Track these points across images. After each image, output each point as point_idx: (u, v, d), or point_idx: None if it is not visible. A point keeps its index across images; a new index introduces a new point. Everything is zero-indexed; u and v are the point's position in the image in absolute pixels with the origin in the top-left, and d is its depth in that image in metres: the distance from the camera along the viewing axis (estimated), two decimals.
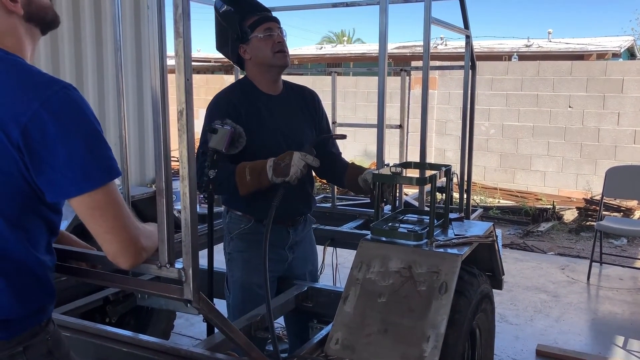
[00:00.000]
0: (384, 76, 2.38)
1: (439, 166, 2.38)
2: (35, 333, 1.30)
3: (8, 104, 1.17)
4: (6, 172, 1.18)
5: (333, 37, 33.59)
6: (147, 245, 1.33)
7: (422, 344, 1.80)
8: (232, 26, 2.36)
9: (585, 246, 6.33)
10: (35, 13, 1.33)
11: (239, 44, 2.39)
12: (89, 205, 1.23)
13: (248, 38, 2.36)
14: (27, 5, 1.31)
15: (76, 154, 1.19)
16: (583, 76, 8.39)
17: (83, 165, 1.19)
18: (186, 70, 1.24)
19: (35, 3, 1.33)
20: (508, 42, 15.85)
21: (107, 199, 1.24)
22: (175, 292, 1.34)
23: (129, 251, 1.27)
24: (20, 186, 1.20)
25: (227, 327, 1.50)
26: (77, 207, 1.24)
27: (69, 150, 1.18)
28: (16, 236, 1.23)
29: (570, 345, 3.76)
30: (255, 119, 2.32)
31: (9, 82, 1.20)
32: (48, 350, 1.31)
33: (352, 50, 16.70)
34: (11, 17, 1.29)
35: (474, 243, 2.12)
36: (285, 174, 2.09)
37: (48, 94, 1.19)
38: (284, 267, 2.49)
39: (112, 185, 1.26)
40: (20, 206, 1.23)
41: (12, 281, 1.24)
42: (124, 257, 1.28)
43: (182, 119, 1.26)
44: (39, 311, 1.31)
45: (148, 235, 1.35)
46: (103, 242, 1.27)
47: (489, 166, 9.17)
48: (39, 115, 1.16)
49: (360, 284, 1.96)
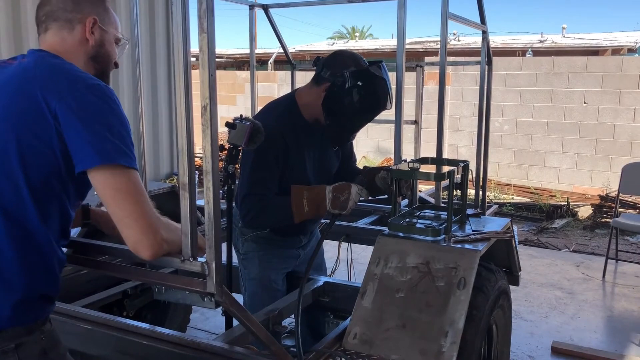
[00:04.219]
0: (402, 72, 2.37)
1: (457, 162, 2.37)
2: (30, 330, 1.30)
3: (54, 82, 1.31)
4: (41, 138, 1.27)
5: (345, 33, 33.53)
6: (169, 237, 1.34)
7: (440, 339, 1.80)
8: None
9: (600, 243, 6.28)
10: (101, 56, 1.48)
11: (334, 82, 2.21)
12: (113, 185, 1.28)
13: (345, 86, 2.19)
14: (99, 46, 1.47)
15: (106, 130, 1.28)
16: (598, 72, 8.31)
17: (112, 141, 1.28)
18: (210, 66, 1.25)
19: (106, 49, 1.48)
20: (522, 38, 15.70)
21: (130, 184, 1.29)
22: (198, 286, 1.36)
23: (149, 239, 1.29)
24: (49, 157, 1.28)
25: (249, 320, 1.51)
26: (101, 186, 1.29)
27: (100, 124, 1.28)
28: (35, 208, 1.29)
29: (585, 342, 3.74)
30: (298, 156, 2.28)
31: (60, 69, 1.35)
32: (42, 349, 1.32)
33: (364, 46, 16.62)
34: (82, 45, 1.45)
35: (492, 239, 2.12)
36: (342, 208, 2.14)
37: (89, 79, 1.35)
38: (295, 264, 2.53)
39: (136, 173, 1.31)
40: (44, 179, 1.30)
41: (21, 252, 1.28)
42: (144, 246, 1.29)
43: (206, 114, 1.27)
44: (40, 299, 1.32)
45: (171, 228, 1.37)
46: (123, 226, 1.29)
47: (502, 162, 9.11)
48: (78, 88, 1.30)
49: (378, 279, 1.97)
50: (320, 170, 2.39)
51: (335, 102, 2.20)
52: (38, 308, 1.33)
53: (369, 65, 2.24)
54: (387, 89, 2.23)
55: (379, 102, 2.24)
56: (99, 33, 1.46)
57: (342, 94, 2.18)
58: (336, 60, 2.24)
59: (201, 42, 1.24)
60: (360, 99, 2.18)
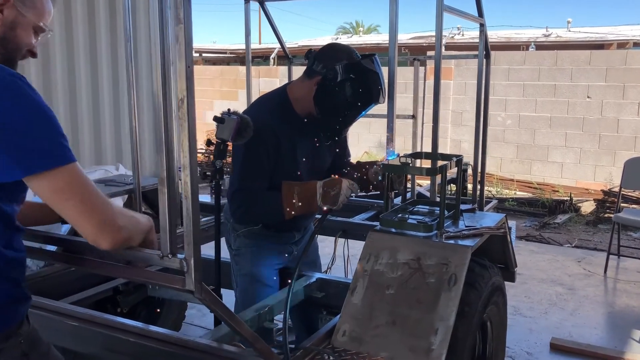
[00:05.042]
0: (394, 64, 2.33)
1: (450, 156, 2.34)
2: (6, 336, 1.26)
3: None
4: None
5: (349, 28, 33.42)
6: (126, 223, 1.30)
7: (430, 336, 1.77)
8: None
9: (603, 238, 6.23)
10: (8, 40, 1.33)
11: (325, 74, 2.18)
12: (50, 188, 1.20)
13: (337, 79, 2.15)
14: (8, 28, 1.32)
15: (18, 135, 1.16)
16: (602, 66, 8.23)
17: (29, 147, 1.17)
18: (187, 57, 1.22)
19: (17, 33, 1.34)
20: (526, 32, 15.59)
21: (67, 182, 1.20)
22: (177, 283, 1.33)
23: (106, 230, 1.24)
24: None
25: (231, 318, 1.49)
26: (39, 193, 1.20)
27: (10, 130, 1.16)
28: None
29: (585, 338, 3.70)
30: (289, 151, 2.24)
31: None
32: (22, 352, 1.28)
33: (367, 41, 16.56)
34: None
35: (484, 235, 2.08)
36: (333, 203, 2.12)
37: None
38: (288, 259, 2.50)
39: (71, 166, 1.21)
40: None
41: None
42: (102, 238, 1.24)
43: (183, 107, 1.24)
44: (6, 305, 1.27)
45: (124, 213, 1.33)
46: (78, 227, 1.24)
47: (505, 157, 9.06)
48: None
49: (368, 275, 1.94)
50: (312, 165, 2.35)
51: (327, 96, 2.17)
52: (8, 313, 1.28)
53: (362, 58, 2.20)
54: (380, 83, 2.20)
55: (371, 96, 2.20)
56: (12, 14, 1.31)
57: (334, 87, 2.15)
58: (328, 53, 2.21)
59: (178, 32, 1.21)
60: (352, 93, 2.15)
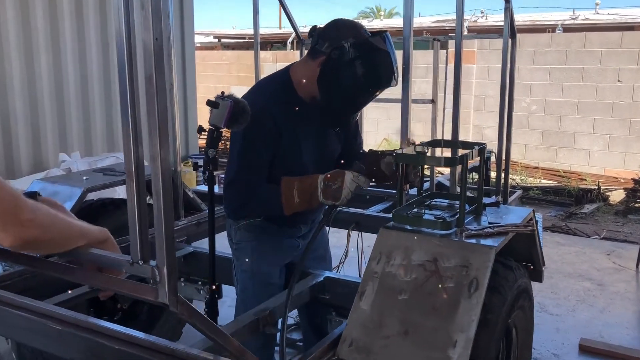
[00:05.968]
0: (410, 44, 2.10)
1: (473, 144, 2.12)
2: None
3: None
4: None
5: (369, 12, 33.01)
6: (35, 216, 1.14)
7: (447, 349, 1.58)
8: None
9: (634, 230, 5.95)
10: None
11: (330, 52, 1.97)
12: None
13: (342, 59, 1.94)
14: None
15: None
16: (634, 48, 7.87)
17: None
18: (154, 28, 1.02)
19: None
20: (552, 14, 15.11)
21: None
22: (149, 294, 1.14)
23: (7, 225, 1.09)
24: None
25: (214, 331, 1.31)
26: None
27: None
28: None
29: (616, 339, 3.48)
30: (291, 139, 2.05)
31: None
32: None
33: (388, 24, 16.22)
34: None
35: (510, 233, 1.86)
36: (335, 198, 1.93)
37: None
38: (296, 254, 2.30)
39: None
40: None
41: None
42: (5, 233, 1.10)
43: (152, 88, 1.04)
44: None
45: (38, 207, 1.17)
46: None
47: (530, 144, 8.76)
48: None
49: (378, 278, 1.75)
50: (319, 155, 2.15)
51: (332, 78, 1.95)
52: None
53: (371, 36, 1.98)
54: (391, 63, 1.98)
55: (380, 78, 1.98)
56: None
57: (339, 68, 1.93)
58: (333, 30, 1.99)
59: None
60: (359, 74, 1.93)
